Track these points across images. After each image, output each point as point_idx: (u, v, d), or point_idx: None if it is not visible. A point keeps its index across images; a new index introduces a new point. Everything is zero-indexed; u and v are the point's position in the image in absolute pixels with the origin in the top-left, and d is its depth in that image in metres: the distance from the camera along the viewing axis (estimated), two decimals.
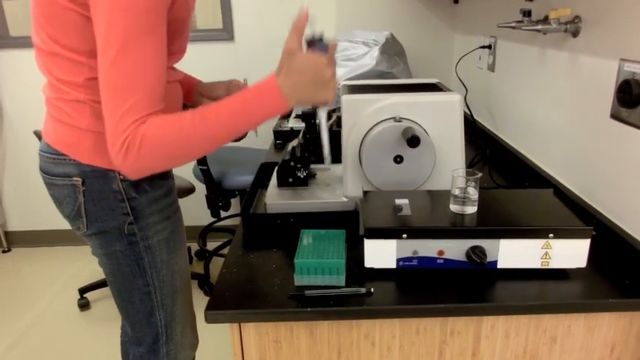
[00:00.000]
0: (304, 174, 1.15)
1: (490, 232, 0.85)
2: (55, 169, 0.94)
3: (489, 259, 0.85)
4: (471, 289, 0.84)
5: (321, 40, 0.84)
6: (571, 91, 1.12)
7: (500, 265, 0.86)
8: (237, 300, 0.81)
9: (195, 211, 2.62)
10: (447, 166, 1.05)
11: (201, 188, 2.18)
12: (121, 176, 0.94)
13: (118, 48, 0.76)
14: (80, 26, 0.82)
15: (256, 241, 1.03)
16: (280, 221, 1.06)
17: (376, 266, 0.87)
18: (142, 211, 0.97)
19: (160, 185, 1.01)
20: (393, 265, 0.87)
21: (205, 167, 1.99)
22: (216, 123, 0.82)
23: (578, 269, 0.87)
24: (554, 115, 1.21)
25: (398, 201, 0.95)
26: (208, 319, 0.78)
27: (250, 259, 0.95)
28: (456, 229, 0.85)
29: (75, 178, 0.93)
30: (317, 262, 0.84)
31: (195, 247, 2.67)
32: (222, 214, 2.17)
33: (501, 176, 1.34)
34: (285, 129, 1.77)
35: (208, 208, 2.10)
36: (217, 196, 2.08)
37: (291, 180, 1.15)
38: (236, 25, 2.39)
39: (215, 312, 0.78)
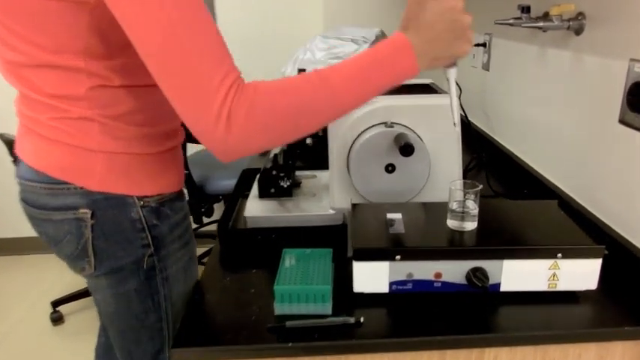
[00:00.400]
0: (288, 183, 1.06)
1: (492, 252, 0.76)
2: (53, 201, 0.77)
3: (491, 281, 0.77)
4: (472, 315, 0.75)
5: None
6: (575, 94, 1.04)
7: (503, 288, 0.78)
8: (207, 334, 0.72)
9: None
10: (443, 176, 0.96)
11: None
12: (142, 201, 0.80)
13: (175, 9, 0.61)
14: (70, 19, 0.67)
15: (234, 259, 0.94)
16: (261, 237, 0.97)
17: (367, 291, 0.79)
18: (164, 239, 0.83)
19: (180, 207, 0.88)
20: (386, 290, 0.78)
21: (187, 171, 1.89)
22: (342, 86, 0.68)
23: (587, 291, 0.79)
24: (555, 118, 1.13)
25: (390, 215, 0.86)
26: (174, 359, 0.68)
27: (226, 282, 0.86)
28: (454, 250, 0.77)
29: (82, 210, 0.76)
30: (300, 289, 0.75)
31: None
32: (206, 219, 2.07)
33: (499, 182, 1.26)
34: None
35: (191, 214, 2.00)
36: (200, 201, 1.98)
37: (273, 190, 1.06)
38: (218, 13, 2.29)
39: (182, 350, 0.68)
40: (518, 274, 0.77)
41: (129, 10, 0.61)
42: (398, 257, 0.76)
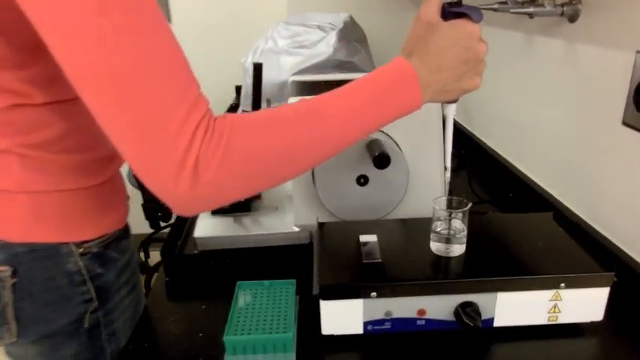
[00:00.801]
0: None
1: (485, 284, 0.64)
2: None
3: (484, 316, 0.65)
4: (461, 356, 0.64)
5: (459, 3, 0.58)
6: (568, 89, 0.92)
7: (497, 323, 0.66)
8: None
9: (132, 217, 2.33)
10: (424, 187, 0.84)
11: (137, 196, 1.91)
12: (81, 248, 0.64)
13: (122, 16, 0.43)
14: None
15: (181, 291, 0.80)
16: (213, 264, 0.83)
17: (337, 333, 0.66)
18: (110, 289, 0.69)
19: (127, 246, 0.74)
20: (360, 331, 0.66)
21: None
22: (337, 124, 0.54)
23: (592, 323, 0.68)
24: (545, 116, 1.01)
25: (363, 238, 0.73)
26: None
27: (169, 323, 0.72)
28: (441, 284, 0.64)
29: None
30: (256, 339, 0.61)
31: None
32: (163, 223, 1.91)
33: (480, 185, 1.15)
34: None
35: (146, 219, 1.84)
36: (155, 204, 1.81)
37: (227, 205, 0.91)
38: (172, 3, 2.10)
39: None
40: (514, 308, 0.66)
41: (47, 12, 0.42)
42: (373, 294, 0.63)
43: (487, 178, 1.18)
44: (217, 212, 0.92)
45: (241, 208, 0.92)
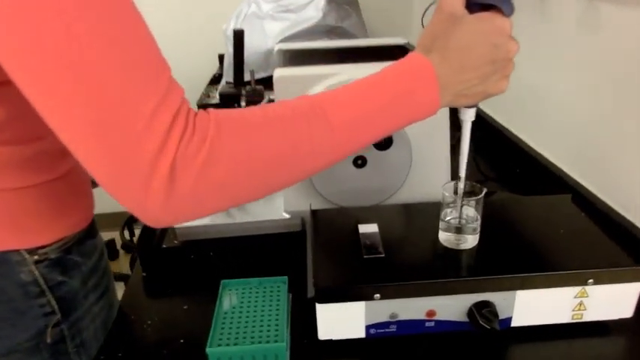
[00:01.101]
0: None
1: (503, 281, 0.57)
2: None
3: (501, 315, 0.58)
4: None
5: None
6: (587, 54, 0.83)
7: (515, 323, 0.59)
8: None
9: None
10: (428, 167, 0.75)
11: None
12: (35, 255, 0.55)
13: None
14: None
15: (160, 288, 0.72)
16: (195, 256, 0.75)
17: (336, 337, 0.58)
18: (75, 297, 0.60)
19: (93, 247, 0.64)
20: (362, 335, 0.58)
21: None
22: (343, 128, 0.45)
23: (620, 320, 0.61)
24: (561, 86, 0.92)
25: (363, 228, 0.65)
26: None
27: (146, 327, 0.64)
28: (453, 282, 0.56)
29: None
30: (243, 350, 0.53)
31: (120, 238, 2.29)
32: None
33: (486, 162, 1.06)
34: (214, 101, 1.42)
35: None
36: None
37: None
38: None
39: None
40: (535, 307, 0.58)
41: None
42: (377, 296, 0.55)
43: (492, 153, 1.10)
44: None
45: None
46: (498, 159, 1.07)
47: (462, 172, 0.58)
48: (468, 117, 0.56)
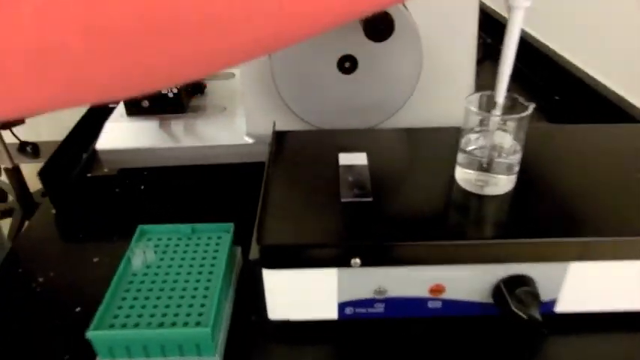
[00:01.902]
0: (175, 89, 0.62)
1: (549, 248, 0.37)
2: None
3: (543, 297, 0.38)
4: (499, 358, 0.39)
5: None
6: None
7: (560, 308, 0.40)
8: None
9: None
10: (445, 77, 0.54)
11: None
12: None
13: None
14: None
15: (73, 229, 0.53)
16: (121, 190, 0.55)
17: (294, 318, 0.40)
18: None
19: None
20: (333, 316, 0.39)
21: None
22: None
23: None
24: None
25: (345, 158, 0.45)
26: None
27: (37, 284, 0.45)
28: (473, 247, 0.37)
29: None
30: (144, 336, 0.35)
31: None
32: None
33: (514, 83, 0.84)
34: None
35: None
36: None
37: (147, 104, 0.61)
38: None
39: None
40: (591, 286, 0.39)
41: None
42: (356, 261, 0.36)
43: (522, 73, 0.87)
44: (134, 112, 0.62)
45: (171, 108, 0.62)
46: (529, 80, 0.84)
47: (500, 97, 0.37)
48: (520, 1, 0.34)
